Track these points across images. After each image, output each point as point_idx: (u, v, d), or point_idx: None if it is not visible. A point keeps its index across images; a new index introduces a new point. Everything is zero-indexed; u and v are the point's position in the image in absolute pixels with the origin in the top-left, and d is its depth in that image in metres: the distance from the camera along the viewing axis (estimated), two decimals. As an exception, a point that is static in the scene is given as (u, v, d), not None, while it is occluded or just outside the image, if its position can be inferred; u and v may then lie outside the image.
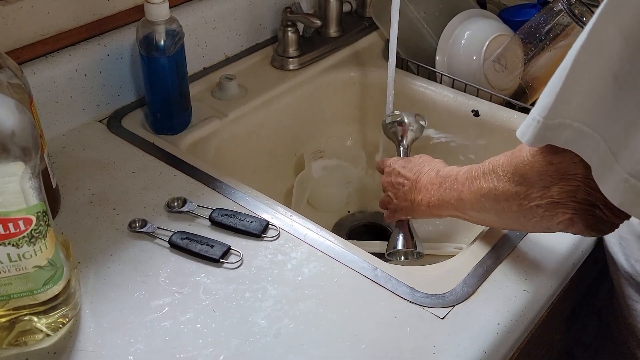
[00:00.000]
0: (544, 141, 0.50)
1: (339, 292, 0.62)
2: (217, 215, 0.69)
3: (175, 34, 0.79)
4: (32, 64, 0.78)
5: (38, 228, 0.51)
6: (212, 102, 0.92)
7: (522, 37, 0.96)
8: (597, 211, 0.50)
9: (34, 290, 0.54)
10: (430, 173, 0.71)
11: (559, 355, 0.97)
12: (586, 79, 0.46)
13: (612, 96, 0.44)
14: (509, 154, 0.57)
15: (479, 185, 0.60)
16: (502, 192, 0.57)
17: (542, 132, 0.49)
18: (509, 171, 0.56)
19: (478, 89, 0.96)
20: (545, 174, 0.52)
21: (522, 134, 0.52)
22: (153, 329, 0.58)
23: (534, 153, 0.53)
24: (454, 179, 0.65)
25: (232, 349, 0.57)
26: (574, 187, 0.50)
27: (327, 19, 1.06)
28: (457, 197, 0.64)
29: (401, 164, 0.78)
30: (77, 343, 0.57)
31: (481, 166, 0.61)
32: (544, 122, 0.49)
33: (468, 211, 0.64)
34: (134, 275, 0.63)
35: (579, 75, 0.46)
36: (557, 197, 0.52)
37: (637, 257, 0.67)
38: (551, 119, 0.48)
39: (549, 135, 0.49)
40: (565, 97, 0.47)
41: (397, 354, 0.56)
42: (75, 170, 0.77)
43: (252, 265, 0.65)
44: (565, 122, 0.47)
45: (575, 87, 0.46)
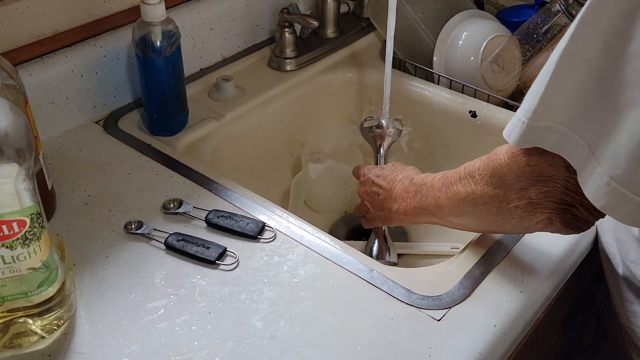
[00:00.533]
0: (530, 143, 0.51)
1: (335, 294, 0.62)
2: (213, 217, 0.69)
3: (171, 35, 0.79)
4: (28, 65, 0.78)
5: (32, 230, 0.51)
6: (209, 103, 0.92)
7: (519, 37, 0.96)
8: (574, 210, 0.51)
9: (28, 292, 0.54)
10: (404, 182, 0.72)
11: (556, 357, 0.96)
12: (569, 83, 0.46)
13: (593, 101, 0.45)
14: (485, 158, 0.58)
15: (456, 190, 0.61)
16: (480, 196, 0.58)
17: (528, 134, 0.50)
18: (487, 174, 0.57)
19: (475, 90, 0.96)
20: (522, 175, 0.53)
21: (509, 134, 0.52)
22: (148, 331, 0.58)
23: (511, 155, 0.54)
24: (429, 186, 0.66)
25: (228, 351, 0.56)
26: (551, 188, 0.51)
27: (325, 20, 1.06)
28: (434, 204, 0.65)
29: (375, 172, 0.78)
30: (72, 345, 0.57)
31: (457, 171, 0.62)
32: (529, 123, 0.50)
33: (446, 216, 0.64)
34: (130, 277, 0.63)
35: (561, 79, 0.47)
36: (535, 198, 0.53)
37: (633, 259, 0.67)
38: (536, 121, 0.49)
39: (535, 137, 0.50)
40: (548, 101, 0.48)
41: (393, 355, 0.56)
42: (71, 171, 0.77)
43: (248, 267, 0.64)
44: (551, 125, 0.48)
45: (558, 91, 0.47)
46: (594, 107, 0.45)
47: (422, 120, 1.00)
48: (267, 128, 0.96)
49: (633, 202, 0.44)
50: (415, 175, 0.72)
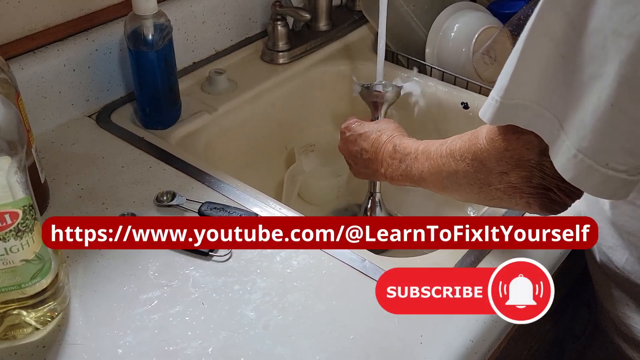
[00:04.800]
0: (504, 121, 0.52)
1: (327, 284, 0.62)
2: (206, 209, 0.69)
3: (163, 28, 0.79)
4: (20, 59, 0.78)
5: (25, 222, 0.52)
6: (202, 97, 0.92)
7: (511, 29, 0.96)
8: (551, 194, 0.52)
9: (22, 284, 0.54)
10: (387, 146, 0.72)
11: (548, 346, 0.97)
12: (537, 60, 0.47)
13: (560, 76, 0.46)
14: (466, 139, 0.58)
15: (439, 168, 0.62)
16: (462, 176, 0.59)
17: (501, 113, 0.51)
18: (468, 157, 0.57)
19: (468, 82, 0.96)
20: (502, 160, 0.54)
21: (483, 113, 0.53)
22: (142, 322, 0.58)
23: (490, 140, 0.55)
24: (413, 158, 0.67)
25: (221, 340, 0.57)
26: (529, 173, 0.52)
27: (317, 13, 1.06)
28: (418, 176, 0.66)
29: (357, 130, 0.78)
30: (67, 336, 0.57)
31: (439, 149, 0.62)
32: (502, 101, 0.50)
33: (431, 187, 0.66)
34: (123, 269, 0.63)
35: (530, 57, 0.48)
36: (514, 182, 0.54)
37: (610, 244, 0.68)
38: (508, 99, 0.50)
39: (508, 115, 0.51)
40: (519, 78, 0.49)
41: (385, 344, 0.57)
42: (64, 165, 0.77)
43: (241, 258, 0.65)
44: (523, 103, 0.49)
45: (528, 68, 0.48)
46: (561, 82, 0.46)
47: (414, 112, 1.01)
48: (260, 121, 0.96)
49: (599, 172, 0.45)
50: (398, 141, 0.72)
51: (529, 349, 0.86)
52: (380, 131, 0.75)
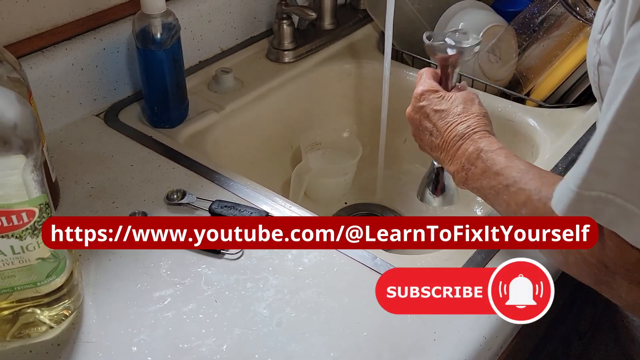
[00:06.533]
0: (581, 213, 0.47)
1: (339, 281, 0.63)
2: (216, 207, 0.70)
3: (171, 27, 0.79)
4: (28, 59, 0.78)
5: (41, 220, 0.52)
6: (209, 95, 0.92)
7: (516, 27, 0.96)
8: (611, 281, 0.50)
9: (37, 282, 0.54)
10: (467, 145, 0.62)
11: (555, 344, 0.98)
12: (624, 148, 0.42)
13: None
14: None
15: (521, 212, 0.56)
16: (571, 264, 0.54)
17: (578, 204, 0.47)
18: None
19: (473, 80, 0.96)
20: (624, 267, 0.48)
21: (556, 203, 0.49)
22: (156, 319, 0.58)
23: (618, 249, 0.48)
24: (503, 186, 0.59)
25: (235, 338, 0.57)
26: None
27: (322, 11, 1.06)
28: (492, 202, 0.61)
29: (435, 104, 0.66)
30: (81, 334, 0.57)
31: (533, 192, 0.55)
32: (579, 192, 0.46)
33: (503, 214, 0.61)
34: (135, 267, 0.64)
35: (615, 143, 0.42)
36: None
37: None
38: (587, 190, 0.45)
39: (587, 208, 0.46)
40: (601, 167, 0.44)
41: (398, 340, 0.57)
42: (73, 164, 0.77)
43: (253, 256, 0.65)
44: (606, 197, 0.44)
45: (613, 157, 0.43)
46: None
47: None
48: (266, 119, 0.97)
49: None
50: (485, 144, 0.61)
51: (535, 346, 0.86)
52: (461, 114, 0.64)
